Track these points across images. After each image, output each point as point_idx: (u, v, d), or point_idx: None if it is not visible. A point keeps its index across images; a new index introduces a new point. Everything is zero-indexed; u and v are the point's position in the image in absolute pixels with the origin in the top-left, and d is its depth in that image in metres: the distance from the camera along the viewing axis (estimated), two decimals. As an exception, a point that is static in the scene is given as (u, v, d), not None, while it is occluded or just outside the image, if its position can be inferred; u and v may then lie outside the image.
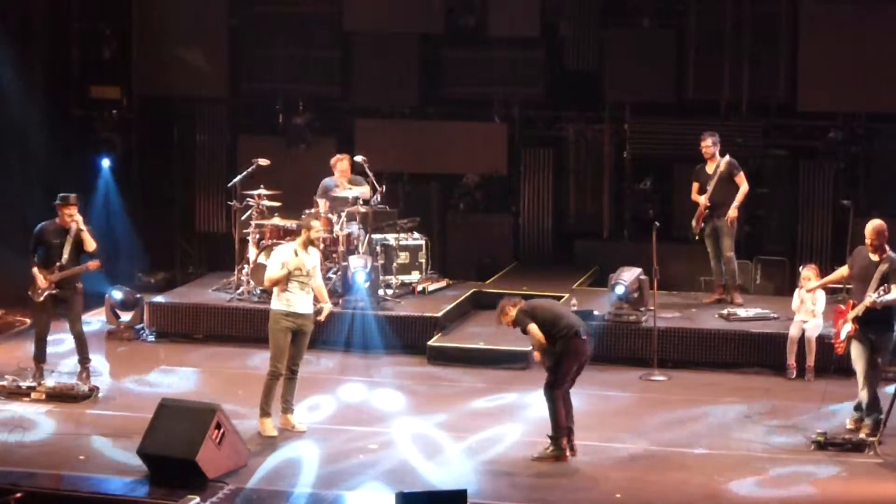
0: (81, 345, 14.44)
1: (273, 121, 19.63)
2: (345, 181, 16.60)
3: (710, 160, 16.23)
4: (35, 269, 14.26)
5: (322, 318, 13.20)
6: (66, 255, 14.18)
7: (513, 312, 12.23)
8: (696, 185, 16.37)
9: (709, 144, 16.21)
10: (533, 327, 12.09)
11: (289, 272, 12.78)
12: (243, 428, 12.41)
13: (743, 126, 18.06)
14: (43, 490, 11.28)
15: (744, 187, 16.18)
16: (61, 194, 14.31)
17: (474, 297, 17.27)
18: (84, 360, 14.44)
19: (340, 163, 16.69)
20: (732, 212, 16.15)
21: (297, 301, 12.89)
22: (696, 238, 16.42)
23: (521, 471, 11.99)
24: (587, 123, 19.11)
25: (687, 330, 15.42)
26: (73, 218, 14.18)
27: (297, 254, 12.88)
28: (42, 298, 14.26)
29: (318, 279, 13.11)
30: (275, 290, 12.94)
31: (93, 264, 14.45)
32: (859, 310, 12.57)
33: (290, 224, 16.08)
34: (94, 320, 16.90)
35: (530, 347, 12.65)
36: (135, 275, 18.44)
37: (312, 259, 13.00)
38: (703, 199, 16.21)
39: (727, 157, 16.17)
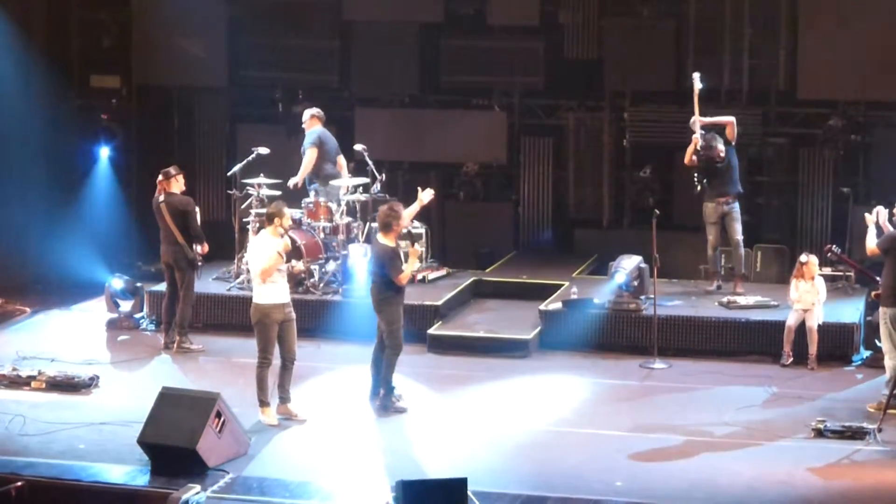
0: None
1: (272, 110, 19.61)
2: None
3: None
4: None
5: None
6: None
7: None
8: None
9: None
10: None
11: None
12: (243, 416, 12.43)
13: (743, 114, 18.00)
14: (43, 479, 11.30)
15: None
16: (167, 168, 15.35)
17: (474, 286, 17.26)
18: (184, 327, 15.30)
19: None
20: (728, 119, 16.11)
21: (281, 291, 12.91)
22: (697, 187, 16.19)
23: (521, 458, 12.01)
24: (587, 112, 19.05)
25: (687, 318, 15.41)
26: None
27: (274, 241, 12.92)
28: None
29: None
30: (256, 284, 12.92)
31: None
32: None
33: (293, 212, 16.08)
34: (94, 309, 16.92)
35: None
36: (134, 264, 18.42)
37: (280, 245, 13.06)
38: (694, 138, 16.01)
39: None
